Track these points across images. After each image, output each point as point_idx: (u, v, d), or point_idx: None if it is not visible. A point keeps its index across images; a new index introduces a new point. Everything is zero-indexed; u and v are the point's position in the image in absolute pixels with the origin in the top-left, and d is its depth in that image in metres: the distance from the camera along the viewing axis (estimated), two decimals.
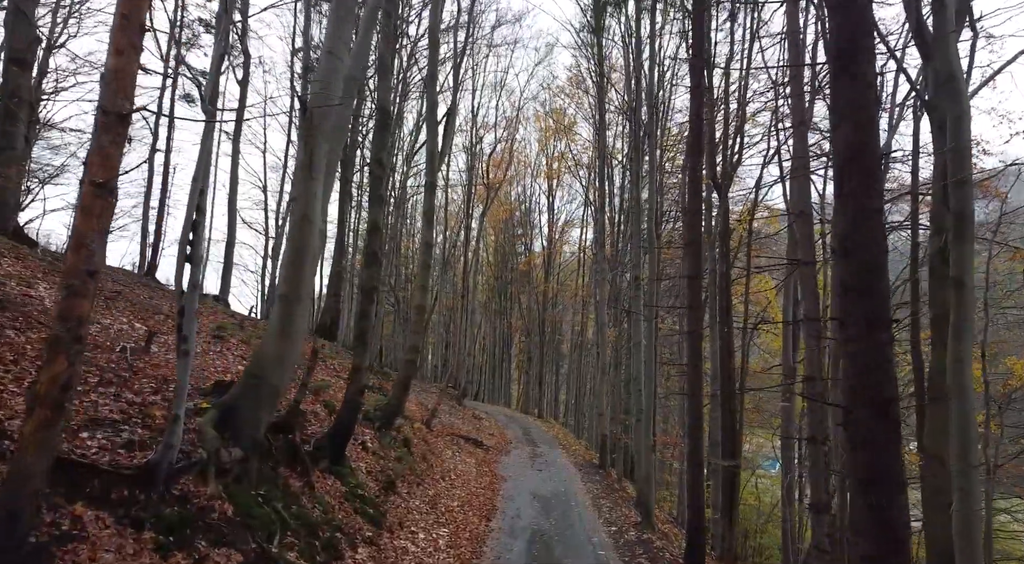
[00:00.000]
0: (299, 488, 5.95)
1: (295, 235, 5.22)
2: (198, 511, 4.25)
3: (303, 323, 5.38)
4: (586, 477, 13.99)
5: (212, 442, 4.68)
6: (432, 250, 10.74)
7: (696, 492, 7.49)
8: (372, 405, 10.50)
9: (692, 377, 7.70)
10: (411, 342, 10.54)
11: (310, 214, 5.24)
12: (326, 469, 7.05)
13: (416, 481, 9.89)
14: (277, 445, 6.07)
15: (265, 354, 5.19)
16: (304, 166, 5.30)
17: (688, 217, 7.86)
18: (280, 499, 5.40)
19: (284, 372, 5.22)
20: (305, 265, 5.25)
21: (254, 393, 5.07)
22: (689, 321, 7.81)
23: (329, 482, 6.87)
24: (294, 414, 6.33)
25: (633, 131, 13.88)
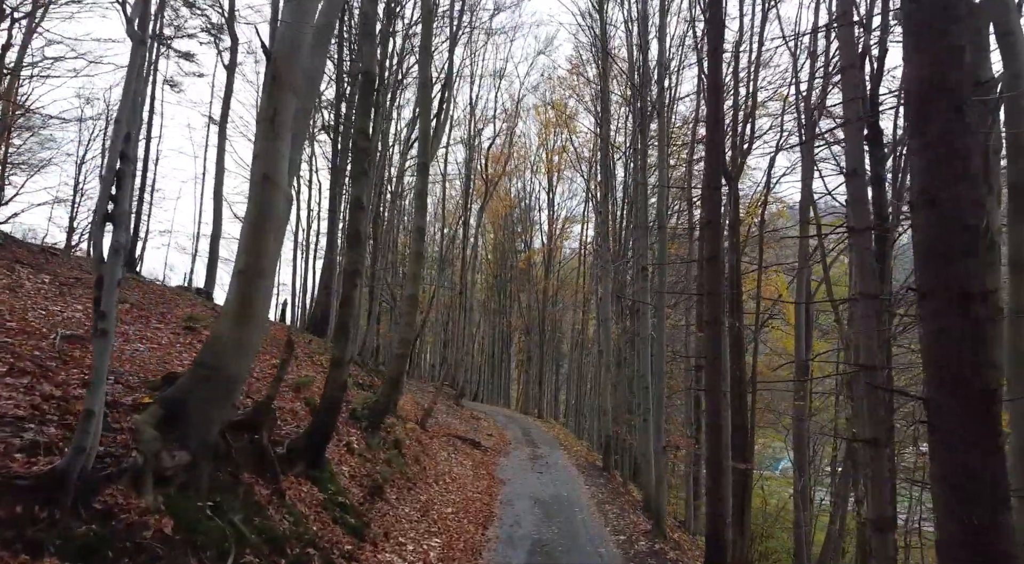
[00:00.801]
0: (265, 497, 5.16)
1: (256, 198, 4.44)
2: (125, 529, 3.46)
3: (266, 303, 4.59)
4: (589, 480, 13.21)
5: (151, 444, 3.89)
6: (425, 236, 9.95)
7: (717, 498, 6.71)
8: (360, 403, 9.72)
9: (711, 372, 6.93)
10: (402, 335, 9.77)
11: (273, 174, 4.45)
12: (302, 474, 6.27)
13: (407, 485, 9.11)
14: (240, 447, 5.28)
15: (220, 339, 4.40)
16: (267, 120, 4.52)
17: (707, 192, 7.09)
18: (239, 510, 4.62)
19: (243, 361, 4.43)
20: (268, 234, 4.46)
21: (206, 386, 4.28)
22: (708, 309, 7.03)
23: (304, 489, 6.09)
24: (263, 411, 5.55)
25: (638, 109, 13.12)
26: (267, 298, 4.58)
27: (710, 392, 6.92)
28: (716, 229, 7.17)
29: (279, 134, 4.52)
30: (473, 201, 28.95)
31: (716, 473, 6.83)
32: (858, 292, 4.05)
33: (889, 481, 3.77)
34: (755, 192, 18.63)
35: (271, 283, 4.61)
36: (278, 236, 4.60)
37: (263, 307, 4.53)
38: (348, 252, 6.89)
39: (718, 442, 6.90)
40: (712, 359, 6.94)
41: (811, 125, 15.02)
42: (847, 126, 4.07)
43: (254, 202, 4.48)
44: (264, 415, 5.59)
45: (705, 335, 7.38)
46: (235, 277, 4.46)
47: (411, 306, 9.90)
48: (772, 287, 20.76)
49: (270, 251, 4.51)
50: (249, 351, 4.49)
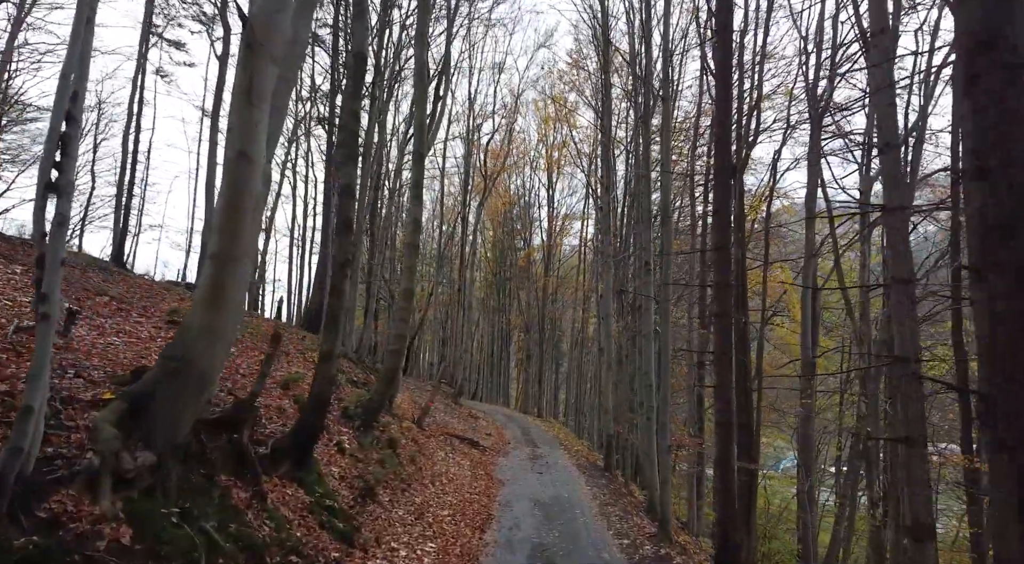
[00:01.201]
0: (244, 500, 4.77)
1: (230, 175, 4.05)
2: (75, 539, 3.08)
3: (242, 289, 4.20)
4: (590, 480, 12.83)
5: (109, 443, 3.51)
6: (421, 229, 9.56)
7: (727, 501, 6.33)
8: (353, 401, 9.34)
9: (721, 367, 6.55)
10: (397, 330, 9.38)
11: (249, 149, 4.07)
12: (287, 475, 5.89)
13: (401, 487, 8.73)
14: (217, 447, 4.90)
15: (190, 329, 4.02)
16: (243, 90, 4.14)
17: (718, 177, 6.70)
18: (213, 516, 4.23)
19: (216, 352, 4.05)
20: (243, 214, 4.08)
21: (175, 379, 3.90)
22: (717, 301, 6.65)
23: (289, 491, 5.70)
24: (243, 408, 5.16)
25: (640, 101, 12.74)
26: (242, 284, 4.19)
27: (720, 389, 6.54)
28: (725, 217, 6.79)
29: (255, 105, 4.13)
30: (472, 197, 28.57)
31: (726, 474, 6.45)
32: (890, 277, 3.69)
33: (924, 486, 3.42)
34: (759, 187, 18.25)
35: (248, 268, 4.23)
36: (255, 216, 4.21)
37: (238, 293, 4.15)
38: (338, 240, 6.50)
39: (728, 441, 6.52)
40: (721, 353, 6.56)
41: (818, 115, 14.70)
42: (877, 95, 3.70)
43: (228, 180, 4.09)
44: (245, 412, 5.21)
45: (714, 328, 7.01)
46: (207, 261, 4.08)
47: (406, 301, 9.52)
48: (775, 283, 20.39)
49: (246, 233, 4.12)
50: (222, 341, 4.10)
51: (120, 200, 15.41)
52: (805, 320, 14.87)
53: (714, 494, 6.40)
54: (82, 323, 6.27)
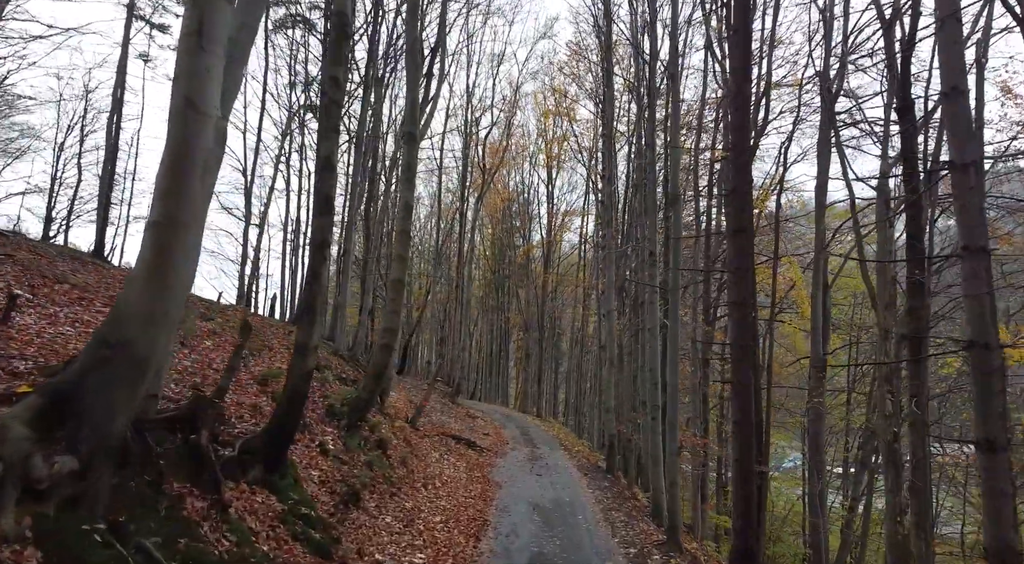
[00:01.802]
0: (199, 511, 4.15)
1: (176, 129, 3.44)
2: None
3: (189, 263, 3.58)
4: (592, 483, 12.22)
5: (17, 445, 2.90)
6: (413, 214, 8.96)
7: (746, 508, 5.72)
8: (339, 399, 8.72)
9: (739, 360, 5.94)
10: (386, 323, 8.76)
11: (198, 99, 3.45)
12: (257, 480, 5.27)
13: (390, 491, 8.11)
14: (171, 449, 4.29)
15: (126, 309, 3.40)
16: (192, 32, 3.53)
17: (735, 156, 6.10)
18: (157, 530, 3.62)
19: (157, 336, 3.43)
20: (191, 175, 3.46)
21: (107, 369, 3.28)
22: (735, 289, 6.04)
23: (258, 499, 5.09)
24: (202, 405, 4.55)
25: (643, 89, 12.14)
26: (190, 257, 3.57)
27: (738, 386, 5.93)
28: (743, 196, 6.19)
29: (206, 49, 3.51)
30: (470, 193, 27.98)
31: (745, 479, 5.85)
32: (961, 247, 3.09)
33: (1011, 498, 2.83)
34: (765, 180, 17.62)
35: (196, 238, 3.60)
36: (205, 178, 3.59)
37: (184, 268, 3.53)
38: (316, 220, 5.89)
39: (747, 443, 5.91)
40: (740, 346, 5.96)
41: (830, 102, 14.14)
42: (942, 31, 3.11)
43: (174, 135, 3.47)
44: (204, 409, 4.59)
45: (731, 319, 6.40)
46: (148, 230, 3.46)
47: (396, 292, 8.90)
48: (781, 279, 19.79)
49: (194, 197, 3.50)
50: (166, 323, 3.48)
51: (102, 190, 14.77)
52: (816, 316, 14.27)
53: (733, 501, 5.78)
54: (32, 311, 5.65)
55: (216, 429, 5.07)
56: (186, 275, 3.55)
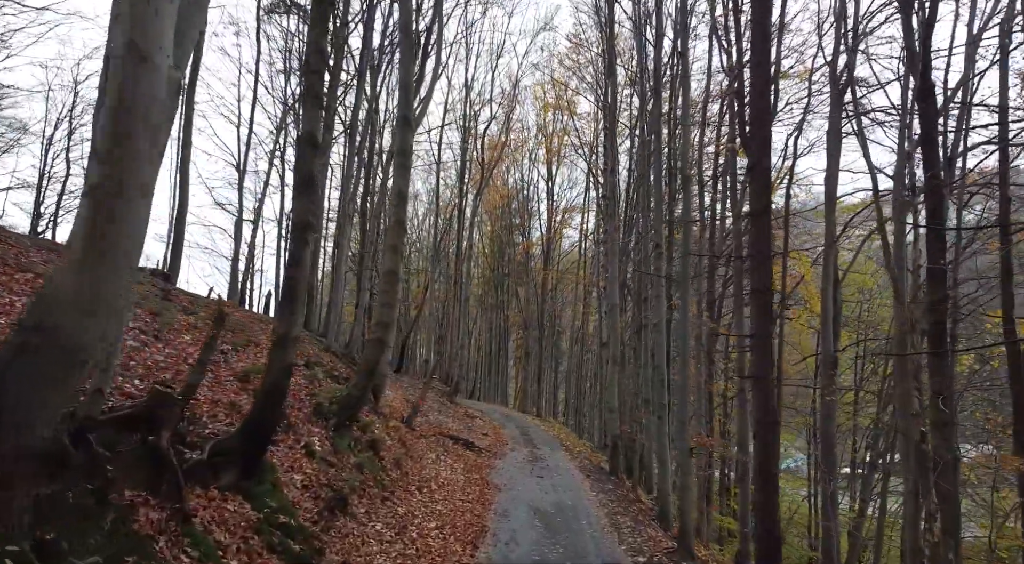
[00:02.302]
0: (156, 523, 3.64)
1: (118, 80, 2.92)
2: None
3: (134, 235, 3.06)
4: (596, 485, 11.70)
5: None
6: (407, 204, 8.44)
7: (769, 516, 5.22)
8: (328, 397, 8.20)
9: (761, 353, 5.43)
10: (379, 317, 8.25)
11: (143, 44, 2.93)
12: (230, 486, 4.76)
13: (382, 495, 7.59)
14: (125, 452, 3.77)
15: (55, 289, 2.88)
16: None
17: (756, 128, 5.60)
18: (100, 547, 3.10)
19: (94, 322, 2.91)
20: (135, 132, 2.94)
21: (33, 359, 2.77)
22: (755, 275, 5.53)
23: (230, 507, 4.57)
24: (161, 402, 4.03)
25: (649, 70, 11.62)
26: (135, 229, 3.05)
27: (760, 382, 5.42)
28: (764, 175, 5.69)
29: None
30: (469, 188, 27.47)
31: (767, 483, 5.34)
32: None
33: None
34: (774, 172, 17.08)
35: (142, 209, 3.08)
36: (155, 137, 3.07)
37: (128, 241, 3.01)
38: (296, 201, 5.37)
39: (770, 444, 5.42)
40: (762, 337, 5.45)
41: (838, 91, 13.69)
42: None
43: (115, 86, 2.96)
44: (166, 407, 4.07)
45: (752, 308, 5.89)
46: (84, 198, 2.94)
47: (390, 283, 8.38)
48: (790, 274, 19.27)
49: (139, 158, 2.98)
50: (105, 308, 2.96)
51: (69, 173, 14.23)
52: (826, 312, 13.78)
53: (755, 508, 5.27)
54: None
55: (183, 429, 4.56)
56: (129, 249, 3.03)
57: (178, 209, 14.37)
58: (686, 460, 7.73)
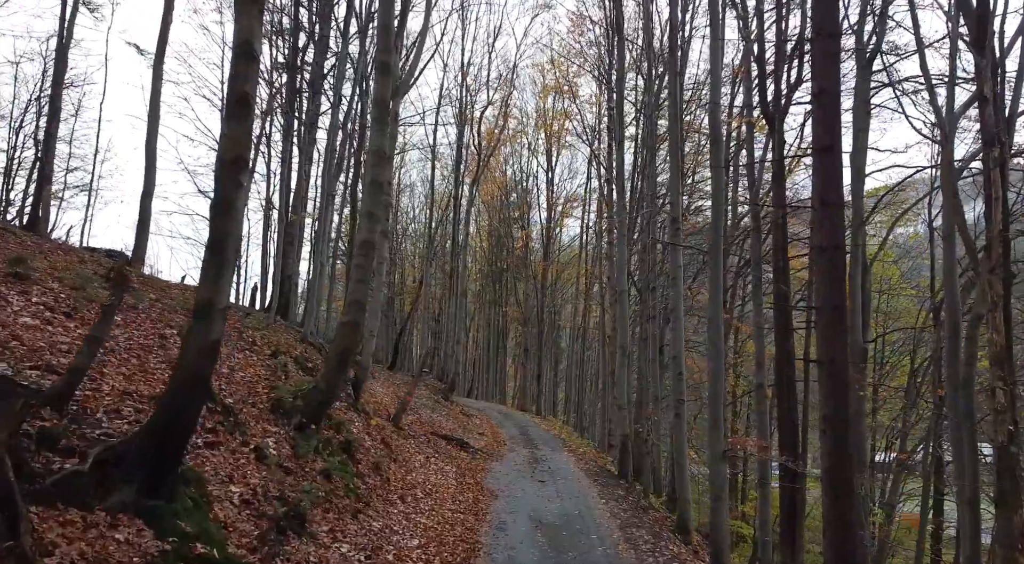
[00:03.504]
0: None
1: None
2: None
3: None
4: (604, 491, 10.45)
5: None
6: (388, 167, 7.17)
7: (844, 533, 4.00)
8: (290, 391, 6.92)
9: (832, 328, 4.18)
10: (353, 295, 7.00)
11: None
12: (126, 505, 3.49)
13: (354, 507, 6.32)
14: None
15: None
16: None
17: (818, 42, 4.33)
18: None
19: None
20: None
21: None
22: (826, 229, 4.28)
23: (120, 536, 3.30)
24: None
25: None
26: None
27: (832, 365, 4.16)
28: (834, 101, 4.44)
29: None
30: (465, 176, 26.20)
31: (844, 495, 4.10)
32: None
33: None
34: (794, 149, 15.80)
35: None
36: None
37: None
38: (228, 126, 4.11)
39: (843, 446, 4.16)
40: (833, 306, 4.21)
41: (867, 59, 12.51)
42: None
43: None
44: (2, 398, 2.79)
45: (817, 273, 4.62)
46: None
47: (365, 256, 7.12)
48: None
49: None
50: None
51: (44, 155, 12.97)
52: (854, 300, 12.56)
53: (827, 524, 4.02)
54: None
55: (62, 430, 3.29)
56: None
57: (144, 187, 13.07)
58: (719, 466, 6.43)
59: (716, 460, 6.37)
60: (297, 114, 14.51)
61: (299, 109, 14.52)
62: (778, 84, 12.85)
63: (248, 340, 8.41)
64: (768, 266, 13.64)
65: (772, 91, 12.77)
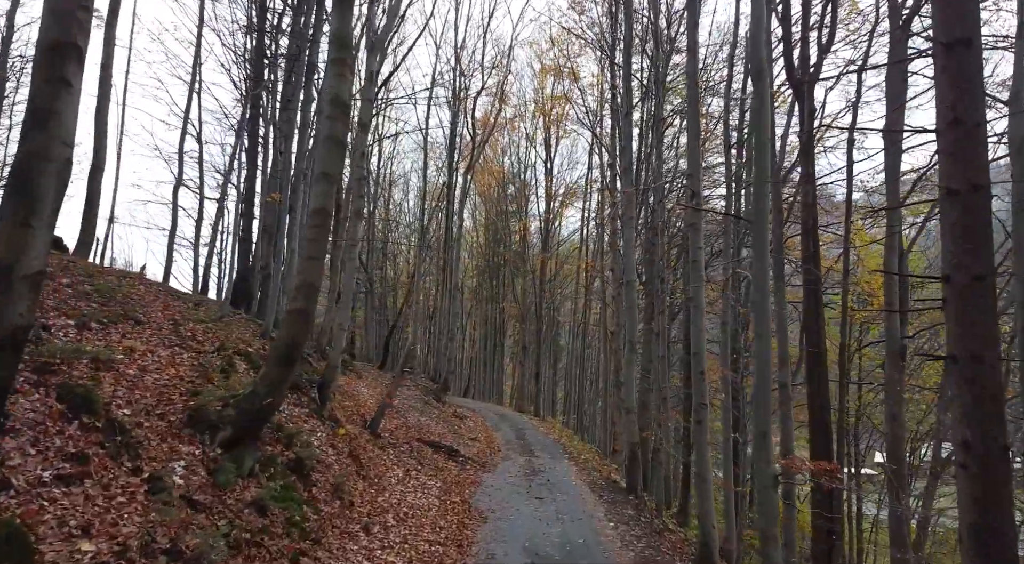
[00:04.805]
0: None
1: None
2: None
3: None
4: (612, 510, 9.01)
5: None
6: (348, 115, 5.70)
7: None
8: (220, 396, 5.44)
9: (975, 308, 2.75)
10: (303, 276, 5.55)
11: None
12: None
13: (297, 548, 4.87)
14: None
15: None
16: None
17: None
18: None
19: None
20: None
21: None
22: (963, 161, 2.84)
23: None
24: None
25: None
26: None
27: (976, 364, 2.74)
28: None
29: None
30: (458, 164, 24.71)
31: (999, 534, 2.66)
32: None
33: None
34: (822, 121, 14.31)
35: None
36: None
37: None
38: (47, 9, 2.65)
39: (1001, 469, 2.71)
40: (975, 275, 2.80)
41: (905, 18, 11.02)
42: None
43: None
44: None
45: (946, 224, 3.18)
46: None
47: (319, 228, 5.67)
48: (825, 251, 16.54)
49: None
50: None
51: None
52: (890, 290, 11.18)
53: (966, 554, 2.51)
54: None
55: None
56: None
57: (93, 162, 11.59)
58: (769, 495, 4.94)
59: (766, 483, 4.84)
60: (268, 85, 12.99)
61: (273, 78, 13.00)
62: (805, 47, 11.44)
63: (185, 334, 6.95)
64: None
65: (799, 55, 11.39)
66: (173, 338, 6.57)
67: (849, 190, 10.91)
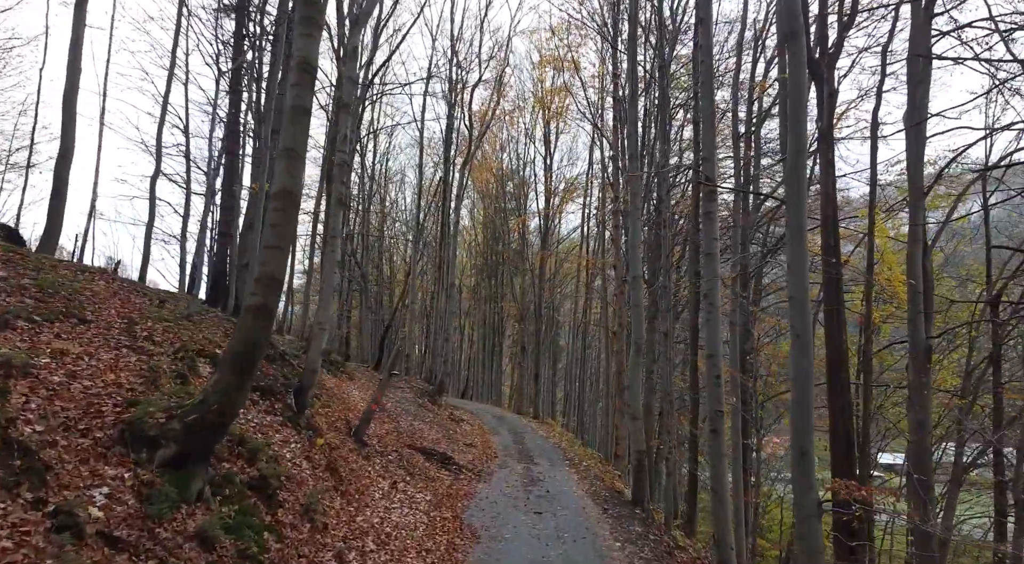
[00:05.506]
0: None
1: None
2: None
3: None
4: (618, 526, 8.24)
5: None
6: (314, 79, 4.90)
7: None
8: (167, 407, 4.66)
9: None
10: (265, 267, 4.79)
11: None
12: None
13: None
14: None
15: None
16: None
17: None
18: None
19: None
20: None
21: None
22: None
23: None
24: None
25: None
26: None
27: None
28: None
29: None
30: (455, 159, 23.93)
31: None
32: None
33: None
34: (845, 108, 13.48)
35: None
36: None
37: None
38: None
39: None
40: None
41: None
42: None
43: None
44: None
45: None
46: None
47: (283, 213, 4.90)
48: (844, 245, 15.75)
49: None
50: None
51: None
52: (914, 286, 10.39)
53: None
54: None
55: None
56: None
57: (60, 149, 10.80)
58: (812, 522, 4.12)
59: (808, 515, 4.03)
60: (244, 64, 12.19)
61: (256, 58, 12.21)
62: (823, 25, 10.69)
63: (140, 334, 6.16)
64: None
65: (816, 34, 10.64)
66: (123, 339, 5.79)
67: (873, 177, 10.14)
